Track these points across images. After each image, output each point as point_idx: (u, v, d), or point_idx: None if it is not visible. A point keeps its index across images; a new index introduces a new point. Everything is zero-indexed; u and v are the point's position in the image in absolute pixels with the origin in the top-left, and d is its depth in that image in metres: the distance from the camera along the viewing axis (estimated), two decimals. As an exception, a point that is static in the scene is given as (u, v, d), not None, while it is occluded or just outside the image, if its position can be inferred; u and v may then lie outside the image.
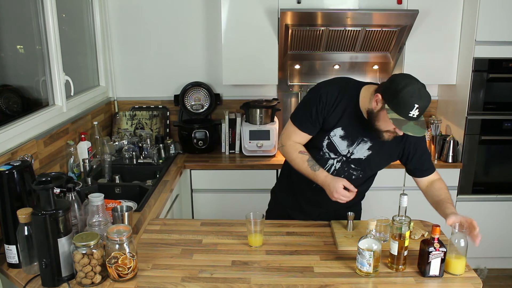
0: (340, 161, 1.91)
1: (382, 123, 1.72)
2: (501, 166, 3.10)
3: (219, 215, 2.92)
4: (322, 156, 1.91)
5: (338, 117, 1.84)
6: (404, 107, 1.61)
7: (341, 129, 1.86)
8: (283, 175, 2.20)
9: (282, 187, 2.19)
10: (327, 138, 1.88)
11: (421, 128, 1.65)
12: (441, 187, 1.92)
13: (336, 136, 1.87)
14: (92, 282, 1.54)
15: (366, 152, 1.89)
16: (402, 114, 1.62)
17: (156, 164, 2.86)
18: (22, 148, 2.05)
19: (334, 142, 1.88)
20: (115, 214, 1.79)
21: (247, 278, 1.59)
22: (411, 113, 1.61)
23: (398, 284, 1.57)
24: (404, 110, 1.62)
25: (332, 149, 1.89)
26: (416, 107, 1.61)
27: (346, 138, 1.87)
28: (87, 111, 2.91)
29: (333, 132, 1.86)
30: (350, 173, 1.92)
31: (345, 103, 1.83)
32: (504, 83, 2.95)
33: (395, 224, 1.63)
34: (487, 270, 3.21)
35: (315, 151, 1.92)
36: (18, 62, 2.40)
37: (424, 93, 1.65)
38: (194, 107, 3.34)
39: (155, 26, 3.28)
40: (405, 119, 1.63)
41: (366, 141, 1.88)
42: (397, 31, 2.96)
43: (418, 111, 1.61)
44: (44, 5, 2.37)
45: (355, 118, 1.83)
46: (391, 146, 1.87)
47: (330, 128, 1.86)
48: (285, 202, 2.16)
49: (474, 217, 3.28)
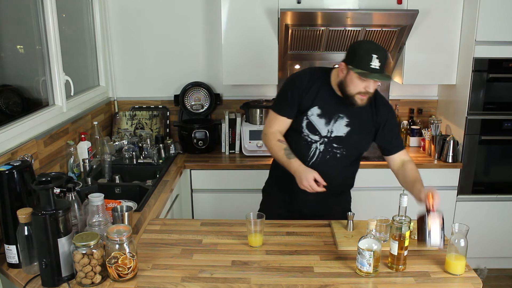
0: (323, 143, 2.00)
1: (351, 86, 1.86)
2: (501, 166, 3.10)
3: (219, 215, 2.92)
4: (306, 141, 2.00)
5: (313, 97, 1.97)
6: (364, 60, 1.77)
7: (318, 108, 1.98)
8: (272, 171, 2.27)
9: (272, 183, 2.27)
10: (306, 118, 1.98)
11: (386, 76, 1.81)
12: (412, 168, 2.00)
13: (313, 115, 1.98)
14: (92, 282, 1.54)
15: (345, 129, 1.99)
16: (365, 67, 1.77)
17: (156, 164, 2.86)
18: (22, 148, 2.05)
19: (312, 121, 1.98)
20: (115, 214, 1.79)
21: (247, 278, 1.59)
22: (372, 64, 1.76)
23: (398, 284, 1.57)
24: (366, 63, 1.77)
25: (311, 129, 1.99)
26: (376, 57, 1.76)
27: (323, 116, 1.97)
28: (87, 111, 2.91)
29: (310, 111, 1.98)
30: (334, 152, 2.00)
31: (317, 85, 1.98)
32: (504, 83, 2.95)
33: (395, 224, 1.63)
34: (487, 270, 3.21)
35: (297, 136, 2.01)
36: (18, 62, 2.41)
37: (380, 47, 1.82)
38: (194, 107, 3.34)
39: (155, 26, 3.28)
40: (368, 72, 1.78)
41: (342, 117, 1.98)
42: (397, 31, 2.96)
43: (378, 61, 1.77)
44: (44, 5, 2.37)
45: (329, 97, 1.97)
46: (366, 120, 1.99)
47: (307, 108, 1.98)
48: (274, 198, 2.22)
49: (474, 217, 3.31)
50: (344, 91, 1.89)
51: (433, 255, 1.74)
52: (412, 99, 3.46)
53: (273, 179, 2.27)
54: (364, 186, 3.02)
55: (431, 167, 3.01)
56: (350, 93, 1.87)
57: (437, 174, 3.03)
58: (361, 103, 1.89)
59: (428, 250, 1.77)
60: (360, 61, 1.78)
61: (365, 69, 1.77)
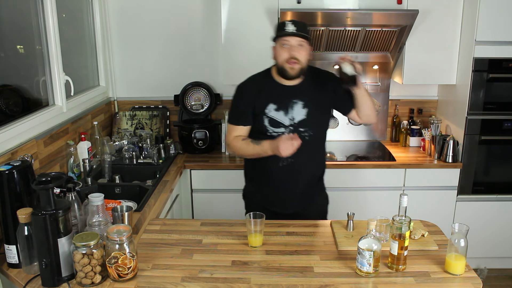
0: (290, 132, 2.07)
1: (278, 57, 2.02)
2: (501, 166, 3.10)
3: (219, 215, 2.92)
4: (273, 136, 2.06)
5: (264, 97, 2.08)
6: (280, 27, 1.99)
7: (272, 104, 2.08)
8: (246, 173, 2.31)
9: (249, 184, 2.31)
10: (265, 116, 2.08)
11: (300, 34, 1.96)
12: None
13: (271, 112, 2.08)
14: (92, 282, 1.54)
15: (303, 111, 2.09)
16: (281, 32, 1.97)
17: (156, 164, 2.86)
18: (22, 148, 2.05)
19: (272, 117, 2.08)
20: (115, 214, 1.79)
21: (247, 278, 1.59)
22: (286, 28, 1.96)
23: (398, 284, 1.57)
24: (280, 29, 1.98)
25: (274, 124, 2.08)
26: (290, 23, 1.96)
27: (280, 109, 2.07)
28: (87, 111, 2.91)
29: (267, 109, 2.08)
30: (302, 136, 2.06)
31: (263, 84, 2.11)
32: (504, 83, 2.95)
33: (395, 224, 1.63)
34: (487, 270, 3.21)
35: (263, 136, 2.09)
36: (18, 62, 2.40)
37: (296, 20, 2.02)
38: (194, 107, 3.34)
39: (155, 26, 3.28)
40: (284, 34, 1.96)
41: (296, 102, 2.08)
42: (397, 31, 2.96)
43: (293, 25, 1.95)
44: (44, 5, 2.37)
45: (278, 89, 2.09)
46: (319, 96, 2.11)
47: (263, 108, 2.08)
48: (255, 198, 2.26)
49: (474, 217, 3.30)
50: (277, 67, 2.05)
51: (433, 255, 1.74)
52: (412, 99, 3.46)
53: (252, 183, 2.29)
54: (364, 186, 3.03)
55: (431, 167, 3.01)
56: (281, 65, 2.01)
57: (437, 174, 3.03)
58: (292, 72, 2.01)
59: (428, 250, 1.77)
60: (277, 29, 2.01)
61: (282, 34, 1.97)
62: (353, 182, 3.01)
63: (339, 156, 3.16)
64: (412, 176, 3.02)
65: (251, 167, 2.25)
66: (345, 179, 3.00)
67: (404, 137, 3.38)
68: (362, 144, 3.43)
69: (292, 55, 1.97)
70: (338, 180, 2.99)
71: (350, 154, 3.22)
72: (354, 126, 3.44)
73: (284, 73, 2.03)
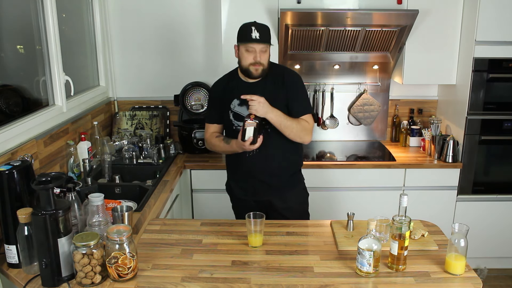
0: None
1: (243, 60, 2.16)
2: (501, 166, 3.10)
3: (219, 215, 2.92)
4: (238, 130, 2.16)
5: (229, 93, 2.26)
6: (244, 33, 2.11)
7: (236, 99, 2.23)
8: (227, 166, 2.45)
9: (228, 176, 2.46)
10: (230, 111, 2.25)
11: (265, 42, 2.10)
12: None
13: (236, 107, 2.24)
14: (92, 282, 1.54)
15: None
16: (246, 39, 2.11)
17: (156, 164, 2.87)
18: (22, 148, 2.05)
19: (236, 111, 2.24)
20: (115, 214, 1.79)
21: (247, 278, 1.59)
22: (252, 34, 2.09)
23: (398, 284, 1.57)
24: (246, 35, 2.10)
25: (238, 118, 2.23)
26: (254, 28, 2.09)
27: (242, 103, 2.22)
28: (87, 111, 2.91)
29: (232, 104, 2.25)
30: (265, 128, 2.19)
31: (229, 82, 2.29)
32: (504, 83, 2.95)
33: (395, 224, 1.63)
34: (487, 270, 3.21)
35: (231, 130, 2.28)
36: (18, 62, 2.40)
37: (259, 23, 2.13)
38: (194, 107, 3.34)
39: (155, 26, 3.28)
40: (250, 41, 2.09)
41: None
42: (397, 31, 2.96)
43: (257, 32, 2.09)
44: (44, 5, 2.37)
45: (241, 86, 2.23)
46: (277, 93, 2.21)
47: (228, 104, 2.25)
48: (234, 188, 2.40)
49: (474, 217, 3.30)
50: (241, 67, 2.19)
51: (433, 255, 1.74)
52: (412, 99, 3.46)
53: (230, 174, 2.44)
54: (364, 186, 3.03)
55: (431, 167, 3.01)
56: (245, 67, 2.16)
57: (437, 174, 3.03)
58: (256, 74, 2.16)
59: (428, 250, 1.77)
60: (241, 35, 2.14)
61: (247, 41, 2.10)
62: (353, 182, 3.01)
63: (339, 156, 3.16)
64: (412, 176, 3.02)
65: (229, 160, 2.41)
66: (345, 179, 3.00)
67: (404, 137, 3.38)
68: (362, 144, 3.43)
69: (256, 60, 2.13)
70: (338, 180, 2.99)
71: (350, 154, 3.22)
72: (354, 126, 3.45)
73: (248, 74, 2.18)
